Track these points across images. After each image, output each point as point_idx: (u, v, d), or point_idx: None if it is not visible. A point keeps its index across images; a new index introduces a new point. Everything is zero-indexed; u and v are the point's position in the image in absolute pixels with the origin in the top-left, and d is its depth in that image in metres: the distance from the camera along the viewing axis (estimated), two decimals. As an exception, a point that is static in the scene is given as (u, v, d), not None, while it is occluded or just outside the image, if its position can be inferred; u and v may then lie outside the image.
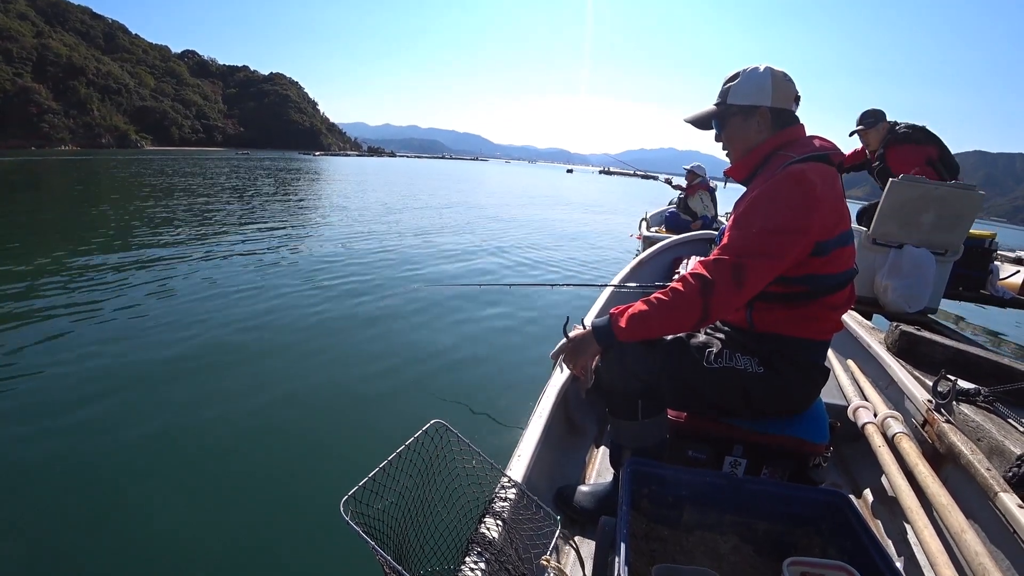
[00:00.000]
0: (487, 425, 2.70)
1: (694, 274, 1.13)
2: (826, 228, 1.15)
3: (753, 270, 1.10)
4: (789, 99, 1.26)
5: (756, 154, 1.28)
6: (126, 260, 5.87)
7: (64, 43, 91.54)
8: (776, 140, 1.26)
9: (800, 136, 1.27)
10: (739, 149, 1.31)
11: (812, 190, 1.11)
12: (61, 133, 79.48)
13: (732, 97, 1.27)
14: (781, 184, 1.14)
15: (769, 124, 1.26)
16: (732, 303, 1.13)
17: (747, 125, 1.28)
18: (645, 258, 4.06)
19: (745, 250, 1.11)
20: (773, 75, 1.24)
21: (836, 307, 1.23)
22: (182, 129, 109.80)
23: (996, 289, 3.64)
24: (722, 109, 1.30)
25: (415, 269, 6.30)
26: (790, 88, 1.26)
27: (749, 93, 1.25)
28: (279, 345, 3.61)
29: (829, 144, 1.24)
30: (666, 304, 1.13)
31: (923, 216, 2.94)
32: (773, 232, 1.11)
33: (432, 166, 66.22)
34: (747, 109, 1.26)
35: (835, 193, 1.17)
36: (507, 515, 1.00)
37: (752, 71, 1.26)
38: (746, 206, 1.18)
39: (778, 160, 1.21)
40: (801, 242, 1.12)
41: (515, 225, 11.39)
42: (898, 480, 1.30)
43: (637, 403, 1.22)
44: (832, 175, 1.19)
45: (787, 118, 1.27)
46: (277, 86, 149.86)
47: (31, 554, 1.74)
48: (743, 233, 1.14)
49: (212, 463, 2.28)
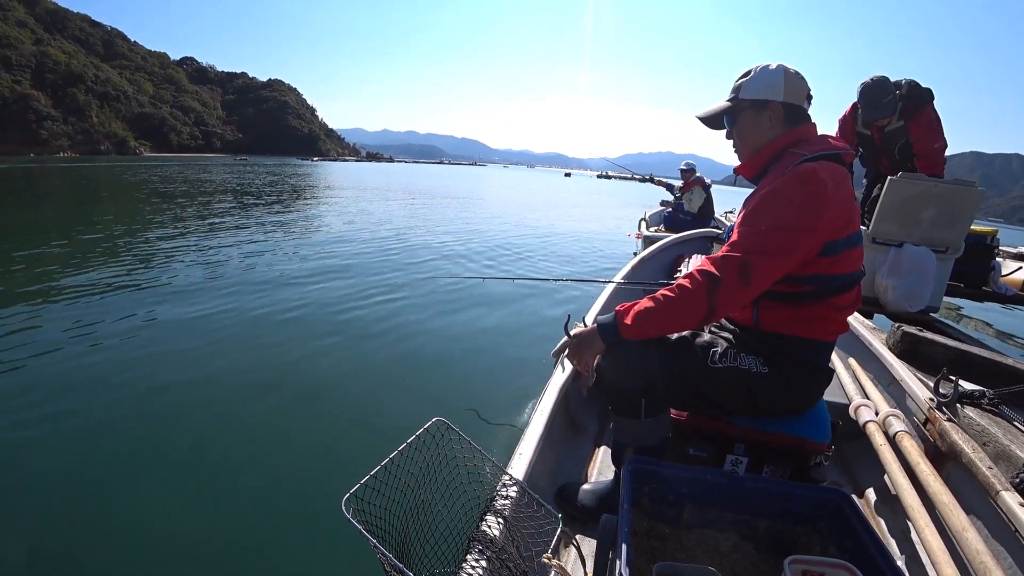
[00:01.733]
0: (488, 423, 2.69)
1: (701, 271, 1.13)
2: (835, 228, 1.14)
3: (760, 267, 1.09)
4: (801, 96, 1.25)
5: (767, 151, 1.27)
6: (126, 259, 5.87)
7: (63, 50, 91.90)
8: (788, 137, 1.25)
9: (812, 134, 1.26)
10: (750, 145, 1.30)
11: (823, 189, 1.10)
12: (60, 139, 79.65)
13: (744, 92, 1.27)
14: (792, 182, 1.13)
15: (781, 119, 1.25)
16: (739, 300, 1.13)
17: (759, 120, 1.27)
18: (646, 256, 4.06)
19: (753, 247, 1.11)
20: (785, 71, 1.24)
21: (842, 308, 1.22)
22: (181, 135, 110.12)
23: (998, 286, 3.63)
24: (734, 104, 1.30)
25: (417, 268, 6.30)
26: (802, 85, 1.25)
27: (761, 88, 1.25)
28: (280, 343, 3.61)
29: (841, 144, 1.23)
30: (672, 301, 1.12)
31: (923, 213, 2.90)
32: (782, 229, 1.10)
33: (429, 171, 66.30)
34: (759, 104, 1.26)
35: (845, 193, 1.16)
36: (508, 513, 1.00)
37: (764, 68, 1.26)
38: (756, 203, 1.18)
39: (789, 158, 1.20)
40: (809, 241, 1.11)
41: (514, 225, 11.40)
42: (899, 478, 1.30)
43: (640, 401, 1.21)
44: (843, 175, 1.18)
45: (799, 115, 1.26)
46: (276, 92, 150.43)
47: (31, 554, 1.73)
48: (752, 230, 1.13)
49: (213, 461, 2.28)
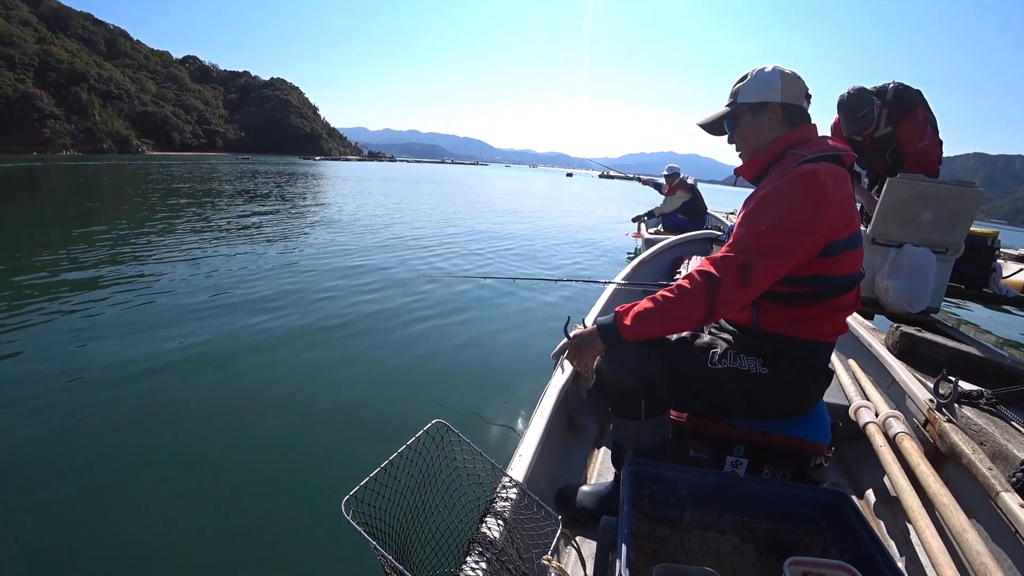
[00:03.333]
0: (488, 425, 2.69)
1: (701, 271, 1.13)
2: (836, 229, 1.14)
3: (760, 268, 1.10)
4: (800, 96, 1.26)
5: (767, 152, 1.27)
6: (126, 257, 5.89)
7: (66, 49, 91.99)
8: (788, 138, 1.25)
9: (812, 135, 1.26)
10: (750, 147, 1.30)
11: (823, 190, 1.11)
12: (63, 138, 79.76)
13: (743, 96, 1.28)
14: (792, 182, 1.13)
15: (781, 120, 1.26)
16: (739, 300, 1.13)
17: (758, 122, 1.27)
18: (646, 258, 4.05)
19: (753, 247, 1.11)
20: (781, 72, 1.25)
21: (841, 309, 1.23)
22: (183, 134, 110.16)
23: (999, 288, 3.63)
24: (733, 108, 1.30)
25: (417, 268, 6.31)
26: (800, 85, 1.26)
27: (759, 90, 1.25)
28: (280, 344, 3.61)
29: (842, 145, 1.23)
30: (672, 301, 1.13)
31: (922, 215, 2.90)
32: (782, 230, 1.10)
33: (432, 171, 66.22)
34: (757, 106, 1.26)
35: (846, 194, 1.16)
36: (508, 515, 1.00)
37: (760, 70, 1.27)
38: (756, 203, 1.18)
39: (790, 159, 1.21)
40: (809, 241, 1.11)
41: (515, 227, 11.41)
42: (899, 480, 1.30)
43: (640, 402, 1.22)
44: (843, 176, 1.18)
45: (799, 115, 1.27)
46: (278, 91, 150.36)
47: (31, 554, 1.74)
48: (751, 231, 1.14)
49: (213, 462, 2.28)
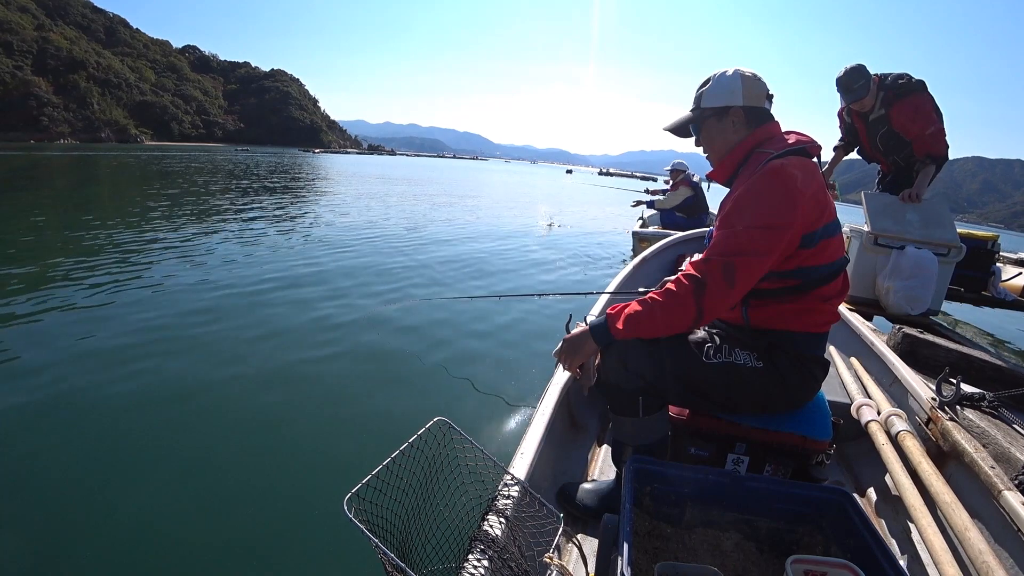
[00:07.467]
0: (490, 423, 2.69)
1: (687, 275, 1.16)
2: (810, 220, 1.17)
3: (743, 268, 1.12)
4: (761, 98, 1.29)
5: (735, 154, 1.31)
6: (126, 256, 5.87)
7: (65, 36, 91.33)
8: (753, 138, 1.29)
9: (776, 133, 1.30)
10: (717, 151, 1.35)
11: (793, 183, 1.13)
12: (60, 127, 79.37)
13: (705, 101, 1.32)
14: (763, 180, 1.16)
15: (744, 123, 1.29)
16: (725, 302, 1.15)
17: (722, 126, 1.31)
18: (648, 256, 4.03)
19: (733, 249, 1.13)
20: (742, 76, 1.28)
21: (829, 298, 1.25)
22: (182, 125, 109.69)
23: (998, 291, 3.65)
24: (696, 114, 1.35)
25: (417, 267, 6.30)
26: (760, 87, 1.29)
27: (720, 95, 1.29)
28: (281, 344, 3.60)
29: (806, 138, 1.27)
30: (661, 305, 1.15)
31: (908, 215, 3.04)
32: (759, 229, 1.13)
33: (428, 165, 66.01)
34: (720, 111, 1.30)
35: (816, 184, 1.19)
36: (510, 513, 1.00)
37: (721, 75, 1.31)
38: (731, 206, 1.21)
39: (757, 158, 1.24)
40: (787, 236, 1.14)
41: (514, 227, 11.36)
42: (901, 478, 1.30)
43: (638, 400, 1.23)
44: (812, 167, 1.21)
45: (761, 116, 1.30)
46: (278, 83, 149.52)
47: (31, 554, 1.73)
48: (729, 232, 1.16)
49: (214, 461, 2.27)
